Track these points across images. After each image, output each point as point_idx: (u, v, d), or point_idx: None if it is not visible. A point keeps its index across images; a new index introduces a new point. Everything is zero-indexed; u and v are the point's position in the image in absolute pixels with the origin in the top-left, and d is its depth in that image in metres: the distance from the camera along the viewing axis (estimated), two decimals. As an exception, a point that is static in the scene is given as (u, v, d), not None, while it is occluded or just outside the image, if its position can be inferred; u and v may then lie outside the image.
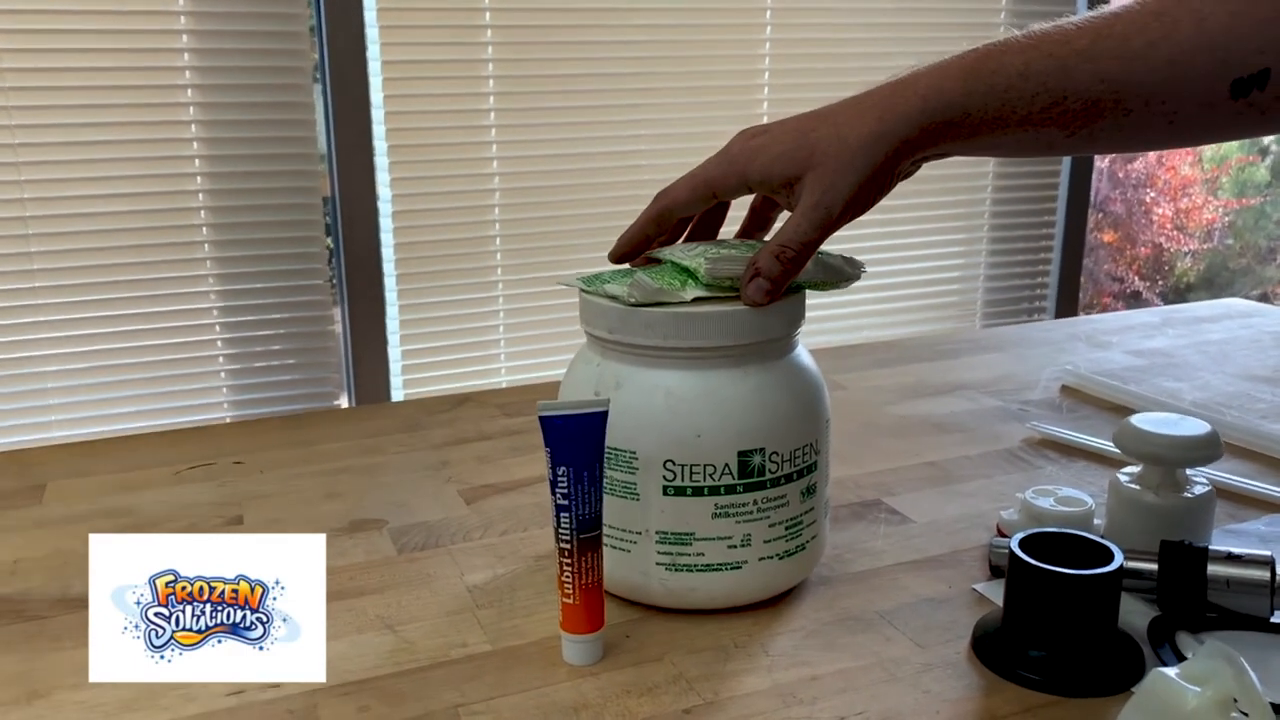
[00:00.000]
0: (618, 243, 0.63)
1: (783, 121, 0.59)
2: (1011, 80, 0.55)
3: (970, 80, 0.55)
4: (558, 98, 1.84)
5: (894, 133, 0.55)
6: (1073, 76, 0.54)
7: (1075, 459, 0.82)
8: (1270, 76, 0.51)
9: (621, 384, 0.57)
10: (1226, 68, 0.52)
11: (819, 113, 0.58)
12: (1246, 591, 0.56)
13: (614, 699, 0.52)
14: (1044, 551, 0.53)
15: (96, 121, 1.57)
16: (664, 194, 0.62)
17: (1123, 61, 0.53)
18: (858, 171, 0.56)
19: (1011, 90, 0.55)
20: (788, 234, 0.56)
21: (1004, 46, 0.56)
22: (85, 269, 1.61)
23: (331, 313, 1.78)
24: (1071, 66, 0.54)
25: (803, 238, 0.56)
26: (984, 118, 0.55)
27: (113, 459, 0.83)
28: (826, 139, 0.56)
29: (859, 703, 0.51)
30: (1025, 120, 0.55)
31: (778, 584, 0.60)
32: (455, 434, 0.88)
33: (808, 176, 0.56)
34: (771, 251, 0.56)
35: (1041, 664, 0.53)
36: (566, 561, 0.53)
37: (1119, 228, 4.47)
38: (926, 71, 0.56)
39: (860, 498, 0.74)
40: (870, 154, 0.55)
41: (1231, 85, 0.52)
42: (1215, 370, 1.04)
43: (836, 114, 0.57)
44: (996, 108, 0.55)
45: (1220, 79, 0.52)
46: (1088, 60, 0.54)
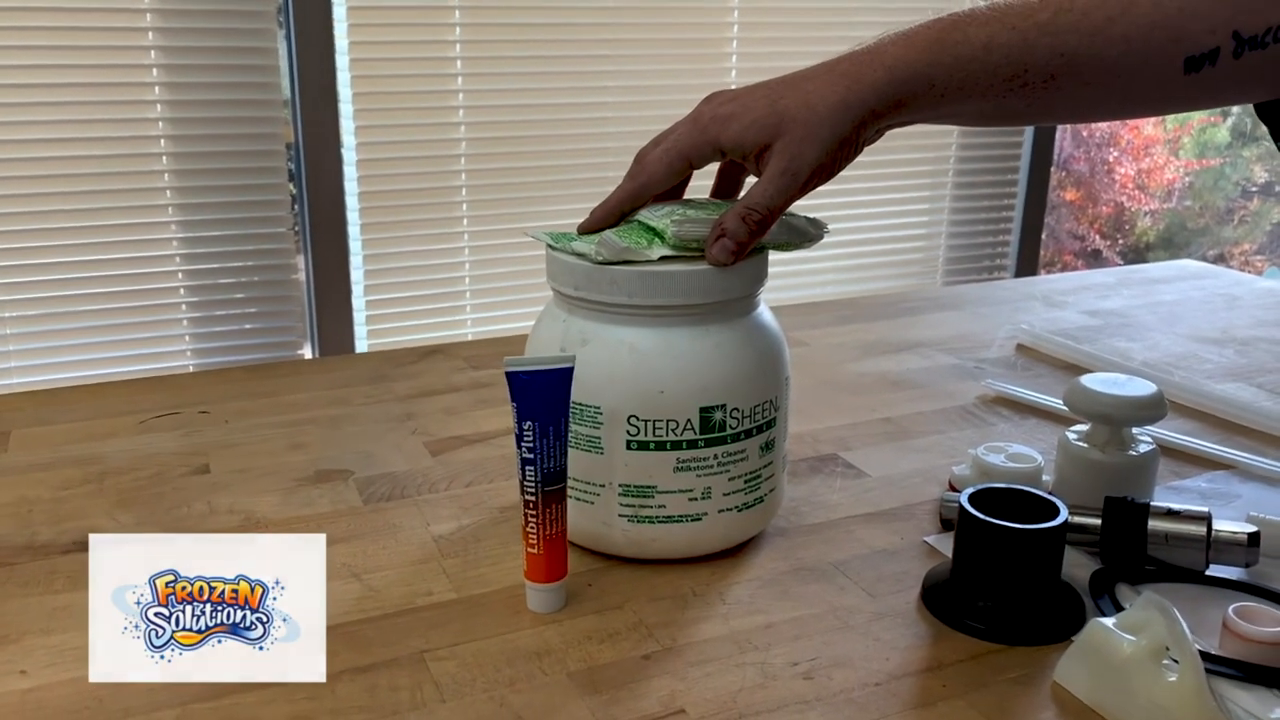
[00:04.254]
0: (592, 217, 0.62)
1: (751, 89, 0.59)
2: (975, 52, 0.56)
3: (936, 52, 0.56)
4: (525, 46, 1.82)
5: (861, 103, 0.56)
6: (1034, 50, 0.55)
7: (1027, 417, 0.84)
8: (1220, 54, 0.53)
9: (587, 340, 0.58)
10: (1180, 45, 0.53)
11: (787, 80, 0.59)
12: (1184, 546, 0.58)
13: (576, 645, 0.53)
14: (993, 506, 0.55)
15: (57, 64, 1.54)
16: (640, 170, 0.61)
17: (1081, 36, 0.54)
18: (824, 140, 0.56)
19: (975, 62, 0.56)
20: (755, 197, 0.57)
21: (969, 18, 0.56)
22: (46, 214, 1.58)
23: (295, 261, 1.76)
24: (1033, 40, 0.55)
25: (769, 202, 0.57)
26: (948, 89, 0.56)
27: (77, 407, 0.83)
28: (795, 107, 0.57)
29: (812, 649, 0.53)
30: (988, 91, 0.56)
31: (736, 535, 0.61)
32: (421, 386, 0.89)
33: (776, 144, 0.57)
34: (738, 214, 0.57)
35: (987, 614, 0.55)
36: (531, 513, 0.54)
37: (1081, 186, 4.51)
38: (892, 41, 0.57)
39: (817, 452, 0.76)
40: (838, 123, 0.56)
41: (1185, 62, 0.53)
42: (1166, 331, 1.07)
43: (804, 82, 0.58)
44: (960, 79, 0.56)
45: (1174, 56, 0.53)
46: (1048, 34, 0.55)
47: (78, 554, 0.61)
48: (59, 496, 0.69)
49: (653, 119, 0.62)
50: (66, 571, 0.60)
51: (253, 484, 0.70)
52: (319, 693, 0.49)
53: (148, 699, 0.49)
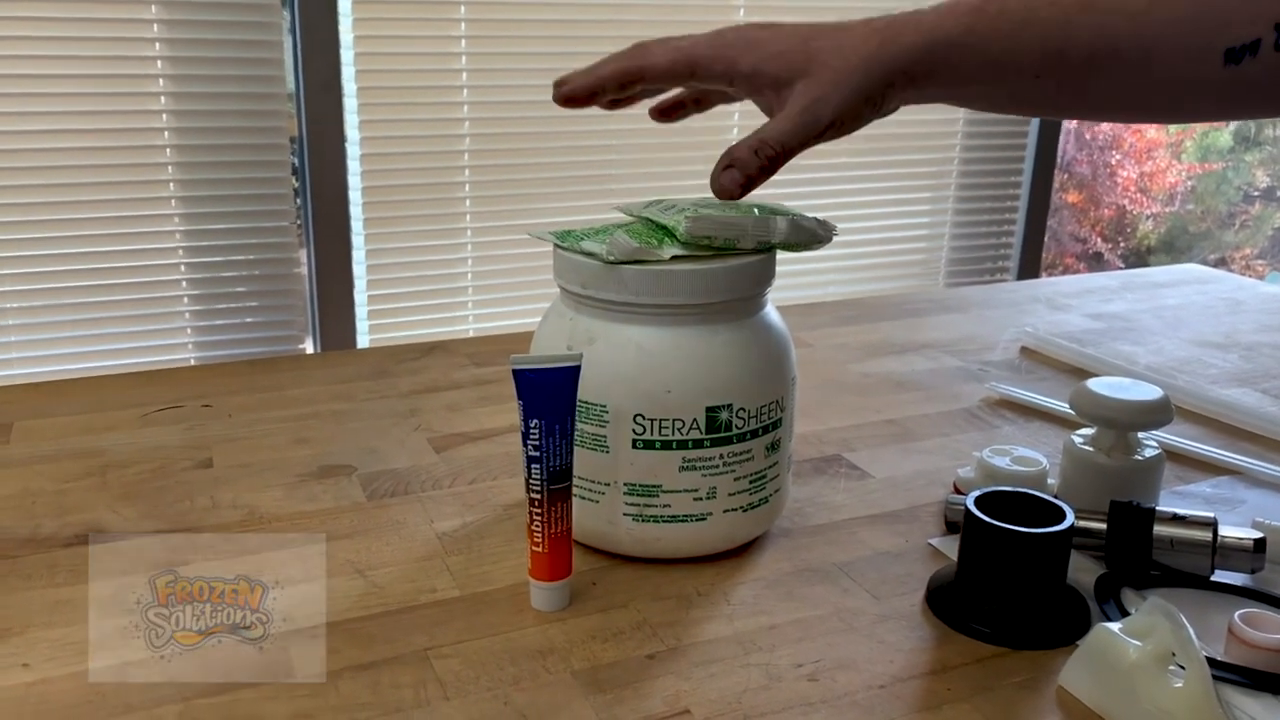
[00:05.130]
0: (571, 79, 0.59)
1: (782, 24, 0.57)
2: (1014, 27, 0.54)
3: (973, 21, 0.54)
4: (530, 43, 1.82)
5: (894, 59, 0.55)
6: (1073, 28, 0.53)
7: (1032, 419, 0.84)
8: (1261, 46, 0.52)
9: (594, 339, 0.57)
10: (1221, 35, 0.52)
11: (820, 27, 0.57)
12: (1189, 551, 0.58)
13: (580, 644, 0.53)
14: (998, 509, 0.55)
15: (61, 55, 1.54)
16: (640, 52, 0.58)
17: (1123, 18, 0.53)
18: (852, 89, 0.54)
19: (1013, 37, 0.54)
20: (771, 132, 0.55)
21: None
22: (49, 205, 1.58)
23: (297, 255, 1.76)
24: (1073, 19, 0.53)
25: (785, 139, 0.55)
26: (983, 61, 0.55)
27: (79, 400, 0.83)
28: (828, 50, 0.55)
29: (816, 651, 0.53)
30: (1024, 69, 0.55)
31: (740, 535, 0.61)
32: (425, 382, 0.88)
33: (800, 83, 0.55)
34: (751, 145, 0.55)
35: (992, 617, 0.55)
36: (537, 511, 0.54)
37: (1084, 188, 4.51)
38: (932, 9, 0.56)
39: (822, 453, 0.76)
40: (868, 74, 0.54)
41: (1225, 53, 0.52)
42: (1170, 335, 1.07)
43: (839, 32, 0.56)
44: (996, 53, 0.55)
45: (1214, 45, 0.52)
46: (1089, 13, 0.53)
47: (80, 547, 0.61)
48: (61, 489, 0.68)
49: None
50: (69, 565, 0.59)
51: (256, 479, 0.70)
52: (321, 689, 0.49)
53: (150, 694, 0.49)
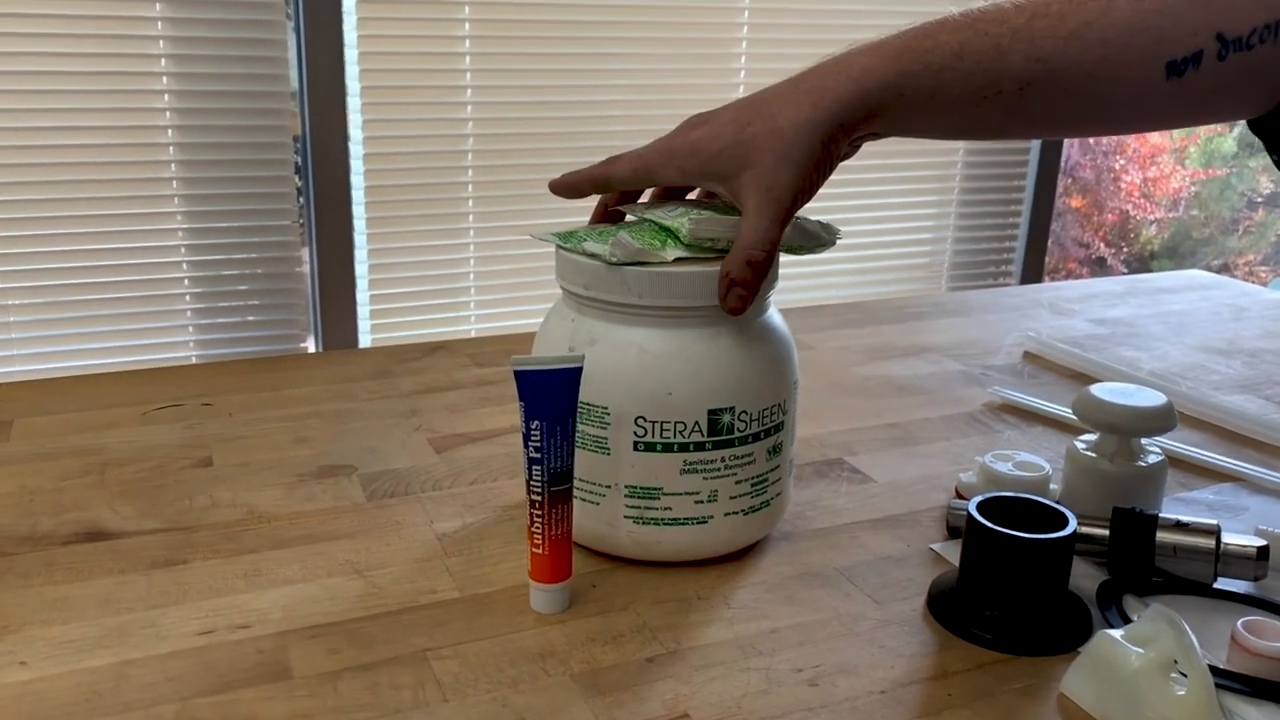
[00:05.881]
0: (563, 179, 0.63)
1: (720, 112, 0.58)
2: (946, 60, 0.54)
3: (905, 60, 0.54)
4: (534, 43, 1.82)
5: (829, 118, 0.54)
6: (1007, 56, 0.53)
7: (1034, 424, 0.83)
8: (1204, 57, 0.52)
9: (596, 340, 0.57)
10: (1161, 48, 0.52)
11: (754, 101, 0.57)
12: (1192, 558, 0.58)
13: (579, 646, 0.53)
14: (1000, 515, 0.55)
15: (64, 52, 1.54)
16: (612, 161, 0.61)
17: (1057, 41, 0.53)
18: (796, 163, 0.54)
19: (946, 70, 0.54)
20: (748, 238, 0.55)
21: (940, 25, 0.55)
22: (51, 202, 1.58)
23: (300, 254, 1.76)
24: (1006, 46, 0.53)
25: (764, 237, 0.55)
26: (919, 98, 0.54)
27: (80, 397, 0.83)
28: (762, 134, 0.55)
29: (816, 656, 0.53)
30: (961, 101, 0.54)
31: (741, 539, 0.61)
32: (426, 382, 0.88)
33: (745, 175, 0.55)
34: (741, 259, 0.55)
35: (994, 623, 0.54)
36: (537, 513, 0.54)
37: (1087, 193, 4.50)
38: (861, 51, 0.55)
39: (823, 456, 0.76)
40: (807, 144, 0.54)
41: (1166, 66, 0.52)
42: (1174, 341, 1.07)
43: (771, 102, 0.56)
44: (931, 88, 0.54)
45: (1155, 60, 0.52)
46: (1023, 40, 0.53)
47: (78, 545, 0.61)
48: (60, 487, 0.68)
49: (661, 118, 0.61)
50: (67, 563, 0.59)
51: (255, 478, 0.70)
52: (320, 690, 0.49)
53: (148, 693, 0.48)
